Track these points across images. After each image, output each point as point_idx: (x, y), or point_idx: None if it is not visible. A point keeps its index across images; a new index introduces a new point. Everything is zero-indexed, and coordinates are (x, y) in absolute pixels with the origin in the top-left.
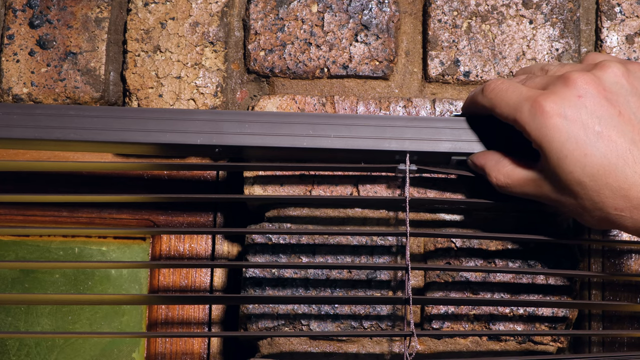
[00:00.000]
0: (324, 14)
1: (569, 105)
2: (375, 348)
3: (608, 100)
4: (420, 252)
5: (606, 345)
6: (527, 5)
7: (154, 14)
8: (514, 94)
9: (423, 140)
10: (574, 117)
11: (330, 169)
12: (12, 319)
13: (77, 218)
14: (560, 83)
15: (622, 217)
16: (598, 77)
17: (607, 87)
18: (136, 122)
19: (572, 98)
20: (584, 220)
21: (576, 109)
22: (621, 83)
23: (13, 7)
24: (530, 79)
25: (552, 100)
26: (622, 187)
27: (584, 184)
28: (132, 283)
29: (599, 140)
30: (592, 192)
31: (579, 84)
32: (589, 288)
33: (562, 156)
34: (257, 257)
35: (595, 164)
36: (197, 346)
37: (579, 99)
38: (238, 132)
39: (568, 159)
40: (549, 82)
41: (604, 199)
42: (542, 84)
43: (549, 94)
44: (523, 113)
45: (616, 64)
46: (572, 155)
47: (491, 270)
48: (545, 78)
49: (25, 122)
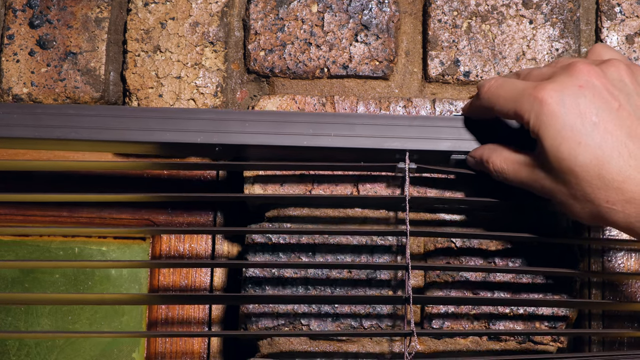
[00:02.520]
0: (324, 14)
1: (568, 93)
2: (375, 348)
3: (609, 93)
4: (420, 252)
5: (606, 345)
6: (527, 5)
7: (154, 14)
8: (510, 88)
9: (423, 139)
10: (572, 105)
11: (330, 168)
12: (12, 318)
13: (77, 218)
14: (565, 72)
15: (613, 211)
16: (603, 70)
17: (610, 82)
18: (136, 121)
19: (573, 87)
20: (574, 212)
21: (575, 98)
22: (625, 81)
23: (13, 7)
24: (537, 69)
25: (552, 88)
26: (615, 179)
27: (575, 173)
28: (132, 283)
29: (595, 131)
30: (583, 182)
31: (582, 75)
32: (589, 287)
33: (557, 143)
34: (257, 256)
35: (589, 154)
36: (197, 346)
37: (579, 88)
38: (238, 131)
39: (562, 147)
40: (554, 71)
41: (596, 190)
42: (548, 73)
43: (549, 82)
44: (523, 104)
45: (622, 63)
46: (566, 142)
47: (491, 269)
48: (551, 68)
49: (25, 122)
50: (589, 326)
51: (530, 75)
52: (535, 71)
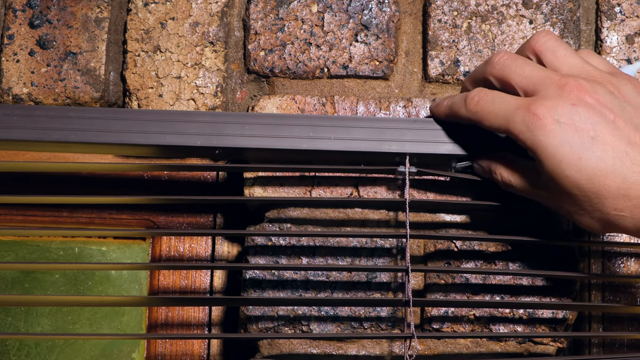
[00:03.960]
0: (324, 14)
1: (562, 112)
2: (376, 348)
3: (604, 107)
4: (420, 253)
5: (606, 347)
6: (527, 5)
7: (154, 14)
8: (502, 104)
9: (423, 142)
10: (568, 122)
11: (330, 171)
12: (12, 319)
13: (77, 218)
14: (554, 88)
15: (622, 218)
16: (592, 86)
17: (601, 97)
18: (136, 124)
19: (566, 105)
20: (583, 222)
21: (569, 115)
22: (615, 94)
23: (13, 7)
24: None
25: (545, 106)
26: (621, 187)
27: (581, 187)
28: (132, 283)
29: (594, 144)
30: (590, 193)
31: (573, 92)
32: (589, 289)
33: (557, 161)
34: (257, 257)
35: (591, 167)
36: (197, 347)
37: (572, 106)
38: (238, 134)
39: (563, 164)
40: (542, 82)
41: (603, 199)
42: (535, 80)
43: (541, 99)
44: (516, 123)
45: (605, 76)
46: (566, 159)
47: (491, 272)
48: (538, 73)
49: (25, 124)
50: (589, 328)
51: (511, 77)
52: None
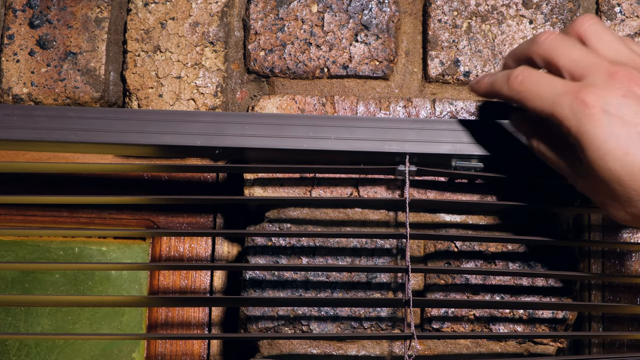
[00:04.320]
0: (324, 14)
1: (612, 103)
2: (376, 348)
3: None
4: (420, 253)
5: (606, 347)
6: (527, 5)
7: (154, 14)
8: (548, 87)
9: (423, 142)
10: (617, 113)
11: (330, 171)
12: (12, 319)
13: (77, 218)
14: (604, 76)
15: None
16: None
17: None
18: (136, 124)
19: (617, 96)
20: (617, 216)
21: (619, 107)
22: None
23: (13, 7)
24: (575, 47)
25: (596, 94)
26: None
27: (622, 182)
28: (132, 283)
29: None
30: (631, 190)
31: (624, 83)
32: (589, 289)
33: (602, 154)
34: (257, 257)
35: (637, 163)
36: (197, 347)
37: (623, 97)
38: (238, 134)
39: (608, 157)
40: (591, 68)
41: None
42: (585, 65)
43: (591, 87)
44: (563, 107)
45: None
46: (612, 153)
47: (491, 272)
48: (587, 58)
49: (25, 124)
50: (589, 328)
51: (559, 59)
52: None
